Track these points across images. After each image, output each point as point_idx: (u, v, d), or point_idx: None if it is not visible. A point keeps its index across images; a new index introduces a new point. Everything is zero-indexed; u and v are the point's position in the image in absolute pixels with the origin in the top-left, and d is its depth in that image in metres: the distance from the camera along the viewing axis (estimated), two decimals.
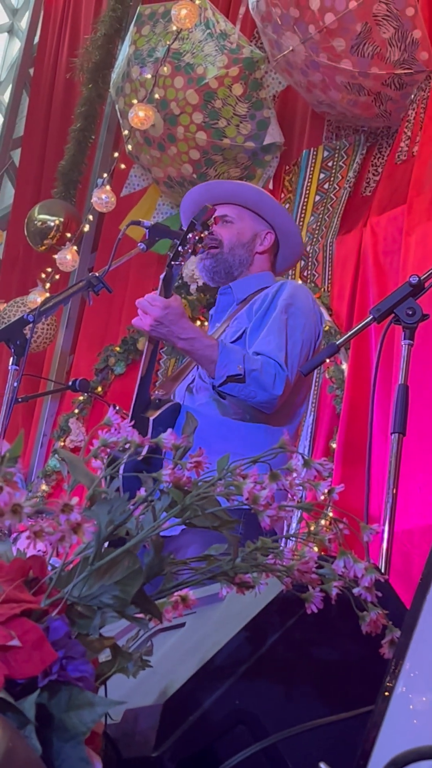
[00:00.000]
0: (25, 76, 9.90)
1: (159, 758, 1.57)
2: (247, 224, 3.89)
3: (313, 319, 3.72)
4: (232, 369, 3.46)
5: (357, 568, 1.61)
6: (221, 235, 3.84)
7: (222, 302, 3.92)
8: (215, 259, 3.85)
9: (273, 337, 3.59)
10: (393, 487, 2.85)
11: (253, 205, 3.90)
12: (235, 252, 3.86)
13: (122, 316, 7.32)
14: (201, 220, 3.54)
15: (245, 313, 3.75)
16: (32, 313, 3.79)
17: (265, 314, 3.68)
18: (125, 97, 6.51)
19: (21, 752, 1.26)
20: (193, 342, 3.52)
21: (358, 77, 5.56)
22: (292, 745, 1.61)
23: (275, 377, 3.49)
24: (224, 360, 3.47)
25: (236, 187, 4.01)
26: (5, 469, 1.38)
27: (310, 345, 3.67)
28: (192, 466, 1.57)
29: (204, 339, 3.53)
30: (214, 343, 3.52)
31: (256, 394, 3.49)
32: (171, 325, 3.51)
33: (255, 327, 3.67)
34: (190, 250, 3.57)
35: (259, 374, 3.47)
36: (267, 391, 3.49)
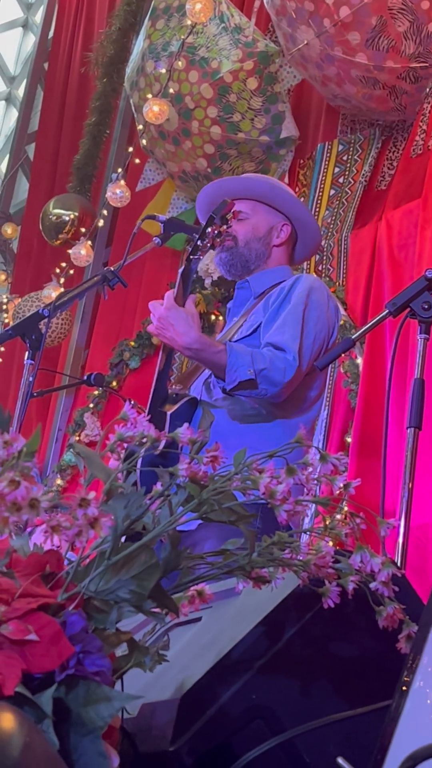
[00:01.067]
0: (39, 71, 9.90)
1: (176, 753, 1.57)
2: (261, 218, 3.88)
3: (328, 313, 3.71)
4: (243, 374, 3.45)
5: (374, 562, 1.60)
6: (236, 231, 3.82)
7: (240, 296, 3.91)
8: (230, 252, 3.84)
9: (288, 327, 3.59)
10: (409, 481, 2.85)
11: (266, 198, 3.89)
12: (251, 246, 3.85)
13: (137, 311, 7.33)
14: (220, 214, 3.53)
15: (261, 307, 3.74)
16: (47, 307, 3.80)
17: (280, 307, 3.68)
18: (140, 92, 6.51)
19: (38, 747, 1.26)
20: (199, 352, 3.50)
21: (373, 71, 5.55)
22: (309, 740, 1.60)
23: (285, 370, 3.48)
24: (233, 365, 3.45)
25: (248, 181, 4.00)
26: (22, 464, 1.38)
27: (323, 338, 3.66)
28: (208, 461, 1.57)
29: (210, 347, 3.51)
30: (221, 348, 3.49)
31: (266, 391, 3.49)
32: (173, 329, 3.48)
33: (269, 319, 3.67)
34: (209, 244, 3.56)
35: (268, 372, 3.46)
36: (276, 386, 3.49)
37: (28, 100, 9.96)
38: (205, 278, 6.62)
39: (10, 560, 1.50)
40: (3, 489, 1.36)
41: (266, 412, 3.59)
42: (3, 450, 1.39)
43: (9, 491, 1.36)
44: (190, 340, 3.48)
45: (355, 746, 1.57)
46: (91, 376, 4.26)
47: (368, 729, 1.60)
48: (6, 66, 10.93)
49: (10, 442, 1.40)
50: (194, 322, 3.52)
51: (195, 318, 3.54)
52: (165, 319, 3.50)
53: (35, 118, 9.73)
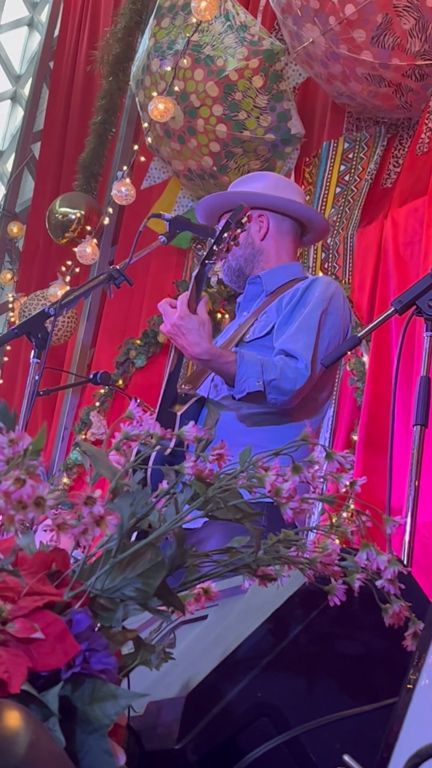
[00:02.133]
0: (45, 70, 9.90)
1: (182, 750, 1.57)
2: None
3: (343, 316, 3.71)
4: (252, 385, 3.46)
5: (380, 560, 1.61)
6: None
7: (250, 291, 3.91)
8: (227, 267, 3.90)
9: (302, 334, 3.59)
10: (415, 479, 2.84)
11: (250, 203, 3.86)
12: (237, 254, 3.85)
13: (143, 309, 7.33)
14: (236, 219, 3.53)
15: (274, 308, 3.74)
16: (53, 306, 3.80)
17: (294, 309, 3.68)
18: (145, 90, 6.51)
19: (44, 744, 1.27)
20: (209, 363, 3.53)
21: (378, 68, 5.54)
22: (314, 737, 1.61)
23: (295, 380, 3.49)
24: (243, 376, 3.47)
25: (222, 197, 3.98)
26: (28, 462, 1.38)
27: (337, 342, 3.66)
28: (214, 459, 1.57)
29: (220, 358, 3.52)
30: (231, 359, 3.50)
31: (276, 400, 3.50)
32: (185, 337, 3.50)
33: (283, 322, 3.67)
34: (225, 248, 3.56)
35: (278, 382, 3.47)
36: (287, 395, 3.50)
37: (33, 99, 9.95)
38: (211, 276, 6.61)
39: (16, 558, 1.50)
40: (9, 487, 1.36)
41: (274, 411, 3.60)
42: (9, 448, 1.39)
43: (15, 489, 1.36)
44: (201, 351, 3.50)
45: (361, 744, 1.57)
46: (97, 375, 4.26)
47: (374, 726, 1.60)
48: (11, 65, 10.93)
49: (16, 441, 1.40)
50: (206, 332, 3.53)
51: (207, 326, 3.55)
52: (177, 327, 3.52)
53: (41, 116, 9.73)
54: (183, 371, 6.34)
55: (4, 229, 9.52)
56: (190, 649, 1.83)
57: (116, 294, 4.09)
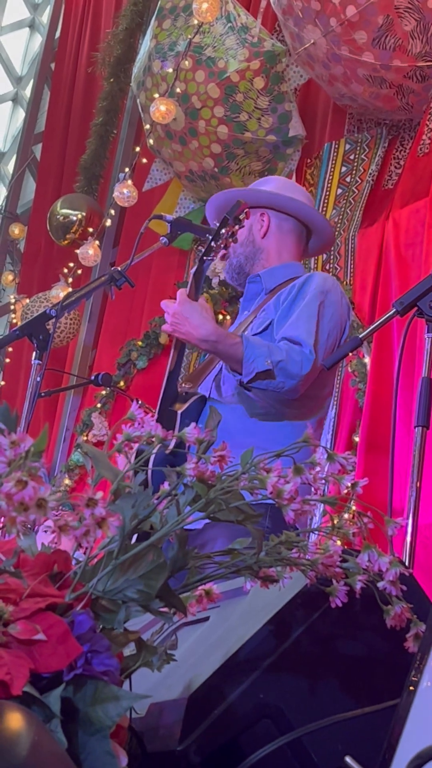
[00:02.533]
0: (46, 71, 9.91)
1: (184, 752, 1.57)
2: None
3: (341, 309, 3.72)
4: (260, 365, 3.45)
5: (381, 561, 1.61)
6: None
7: (250, 290, 3.92)
8: (229, 264, 3.90)
9: (302, 322, 3.59)
10: (417, 480, 2.84)
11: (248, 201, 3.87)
12: (238, 252, 3.86)
13: (144, 311, 7.33)
14: (234, 215, 3.54)
15: (272, 305, 3.74)
16: (55, 307, 3.80)
17: (292, 304, 3.68)
18: (146, 92, 6.51)
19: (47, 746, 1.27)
20: (216, 344, 3.51)
21: (380, 70, 5.54)
22: (317, 738, 1.61)
23: (302, 363, 3.49)
24: (250, 356, 3.46)
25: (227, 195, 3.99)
26: (30, 464, 1.38)
27: (336, 335, 3.67)
28: (216, 460, 1.57)
29: (227, 339, 3.52)
30: (237, 340, 3.50)
31: (284, 384, 3.49)
32: (187, 322, 3.49)
33: (281, 317, 3.67)
34: (223, 245, 3.57)
35: (285, 363, 3.47)
36: (294, 379, 3.48)
37: (35, 101, 9.96)
38: (212, 278, 6.61)
39: (18, 560, 1.50)
40: (11, 489, 1.36)
41: (275, 411, 3.59)
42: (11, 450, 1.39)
43: (17, 491, 1.36)
44: (207, 332, 3.49)
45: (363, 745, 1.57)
46: (98, 376, 4.27)
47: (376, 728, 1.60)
48: (13, 66, 10.94)
49: (18, 442, 1.40)
50: (208, 314, 3.54)
51: (209, 311, 3.56)
52: (179, 314, 3.52)
53: (42, 118, 9.73)
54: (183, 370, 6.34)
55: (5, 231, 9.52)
56: (192, 651, 1.83)
57: (118, 295, 4.09)
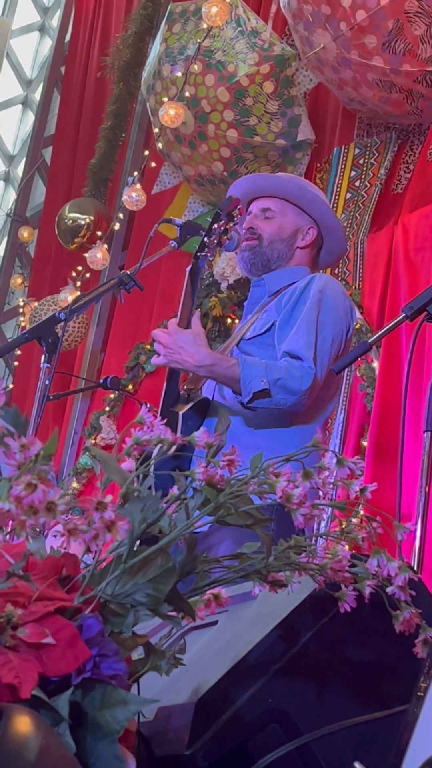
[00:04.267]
0: (56, 75, 9.93)
1: (192, 756, 1.57)
2: (288, 219, 3.89)
3: (344, 312, 3.71)
4: (257, 385, 3.44)
5: (390, 566, 1.60)
6: (262, 230, 3.85)
7: (255, 294, 3.92)
8: (253, 251, 3.86)
9: (302, 333, 3.58)
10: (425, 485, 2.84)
11: (296, 199, 3.90)
12: (274, 246, 3.86)
13: (153, 314, 7.33)
14: (226, 211, 3.54)
15: (274, 306, 3.74)
16: (63, 311, 3.80)
17: (294, 307, 3.67)
18: (156, 95, 6.52)
19: (55, 750, 1.26)
20: (213, 368, 3.51)
21: (389, 74, 5.54)
22: (325, 744, 1.60)
23: (302, 378, 3.48)
24: (247, 378, 3.46)
25: (280, 181, 4.00)
26: (39, 467, 1.38)
27: (340, 339, 3.66)
28: (225, 464, 1.57)
29: (223, 362, 3.51)
30: (234, 362, 3.50)
31: (285, 400, 3.48)
32: (182, 351, 3.49)
33: (284, 321, 3.67)
34: (216, 241, 3.56)
35: (284, 381, 3.46)
36: (295, 395, 3.48)
37: (44, 104, 9.98)
38: (221, 282, 6.62)
39: (27, 563, 1.50)
40: (20, 492, 1.36)
41: (279, 413, 3.59)
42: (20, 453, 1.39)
43: (26, 494, 1.36)
44: (202, 357, 3.49)
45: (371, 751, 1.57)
46: (107, 380, 4.27)
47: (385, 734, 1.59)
48: (23, 69, 10.96)
49: (27, 446, 1.40)
50: (201, 341, 3.53)
51: (201, 336, 3.55)
52: (173, 344, 3.51)
53: (52, 121, 9.76)
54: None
55: (14, 234, 9.54)
56: (200, 655, 1.83)
57: (127, 299, 4.10)
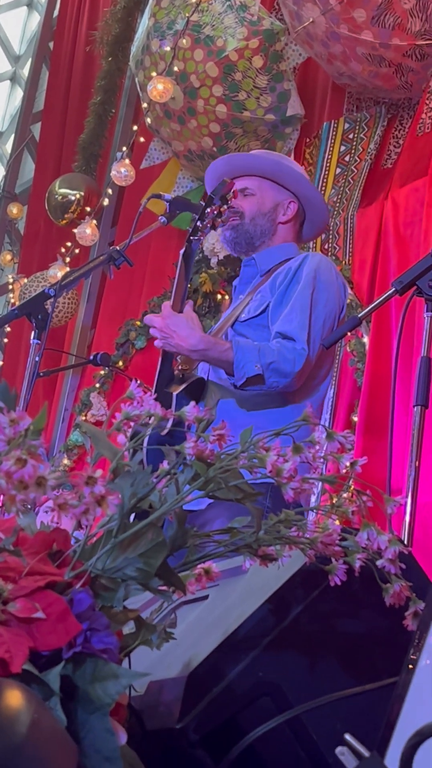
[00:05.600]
0: (44, 50, 9.88)
1: (183, 730, 1.57)
2: (267, 195, 3.89)
3: (336, 291, 3.71)
4: (250, 370, 3.45)
5: (380, 540, 1.61)
6: (242, 207, 3.84)
7: (246, 273, 3.92)
8: (236, 230, 3.86)
9: (296, 314, 3.59)
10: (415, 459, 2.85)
11: (272, 175, 3.90)
12: (257, 222, 3.86)
13: (143, 290, 7.32)
14: (219, 194, 3.53)
15: (268, 287, 3.74)
16: (53, 287, 3.79)
17: (288, 288, 3.67)
18: (145, 70, 6.49)
19: (46, 724, 1.27)
20: (206, 353, 3.51)
21: (379, 48, 5.52)
22: (316, 716, 1.61)
23: (294, 361, 3.48)
24: (240, 362, 3.46)
25: (255, 158, 4.00)
26: (29, 442, 1.38)
27: (333, 318, 3.67)
28: (215, 439, 1.57)
29: (217, 346, 3.52)
30: (227, 346, 3.50)
31: (278, 383, 3.49)
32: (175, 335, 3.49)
33: (278, 302, 3.67)
34: (210, 224, 3.56)
35: (277, 364, 3.47)
36: (287, 377, 3.49)
37: (33, 80, 9.93)
38: (210, 257, 6.61)
39: (17, 539, 1.50)
40: (10, 467, 1.36)
41: (275, 393, 3.59)
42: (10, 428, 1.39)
43: (16, 469, 1.36)
44: (195, 341, 3.49)
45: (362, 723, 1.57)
46: (97, 356, 4.26)
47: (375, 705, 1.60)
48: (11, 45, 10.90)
49: (17, 421, 1.40)
50: (195, 324, 3.53)
51: (195, 320, 3.56)
52: (167, 328, 3.51)
53: (40, 97, 9.71)
54: None
55: (3, 211, 9.51)
56: (191, 629, 1.83)
57: (116, 275, 4.09)
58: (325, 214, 4.04)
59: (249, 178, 3.89)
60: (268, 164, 3.92)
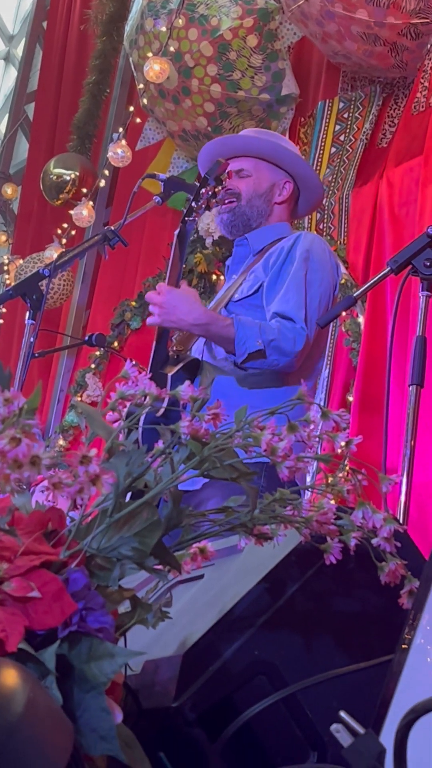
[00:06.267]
0: (38, 30, 9.84)
1: (179, 708, 1.58)
2: (263, 175, 3.88)
3: (330, 270, 3.71)
4: (252, 345, 3.46)
5: (376, 518, 1.61)
6: (239, 188, 3.84)
7: (238, 253, 3.91)
8: (233, 212, 3.85)
9: (292, 294, 3.59)
10: (411, 439, 2.85)
11: (268, 155, 3.89)
12: (253, 203, 3.85)
13: (138, 271, 7.31)
14: (214, 175, 3.53)
15: (261, 266, 3.74)
16: (48, 267, 3.78)
17: (282, 267, 3.67)
18: (139, 50, 6.47)
19: (42, 702, 1.27)
20: (208, 327, 3.51)
21: (373, 27, 5.51)
22: (311, 694, 1.61)
23: (294, 340, 3.49)
24: (242, 337, 3.46)
25: (250, 139, 3.99)
26: (23, 421, 1.38)
27: (328, 297, 3.67)
28: (210, 418, 1.57)
29: (218, 321, 3.52)
30: (229, 322, 3.50)
31: (278, 361, 3.49)
32: (177, 310, 3.48)
33: (272, 282, 3.66)
34: (204, 205, 3.56)
35: (278, 342, 3.47)
36: (287, 356, 3.49)
37: (27, 59, 9.89)
38: (206, 238, 6.60)
39: (13, 518, 1.50)
40: (4, 446, 1.36)
41: (270, 372, 3.59)
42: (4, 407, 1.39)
43: (10, 448, 1.36)
44: (197, 315, 3.50)
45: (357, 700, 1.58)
46: (92, 337, 4.26)
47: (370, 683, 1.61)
48: (4, 25, 10.86)
49: (11, 400, 1.39)
50: (195, 299, 3.54)
51: (196, 296, 3.56)
52: (167, 303, 3.51)
53: (34, 77, 9.67)
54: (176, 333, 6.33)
55: None
56: (187, 609, 1.83)
57: (111, 256, 4.08)
58: (319, 193, 4.04)
59: (244, 159, 3.89)
60: (263, 144, 3.91)
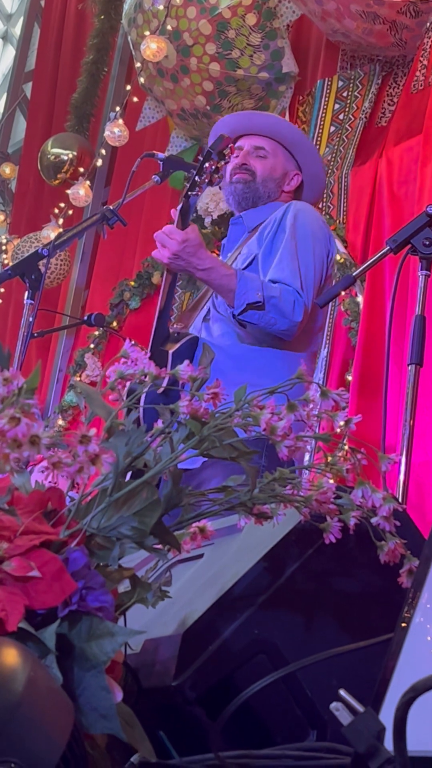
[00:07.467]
0: (36, 8, 9.80)
1: (179, 687, 1.58)
2: (279, 161, 3.92)
3: (322, 237, 3.73)
4: (252, 296, 3.47)
5: (375, 497, 1.61)
6: (255, 167, 3.88)
7: (233, 232, 3.94)
8: (247, 185, 3.89)
9: (286, 263, 3.60)
10: (410, 418, 2.85)
11: (289, 144, 3.93)
12: (267, 185, 3.90)
13: (137, 250, 7.30)
14: (217, 150, 3.53)
15: (256, 240, 3.76)
16: (46, 247, 3.78)
17: (274, 238, 3.70)
18: (138, 29, 6.45)
19: (42, 681, 1.27)
20: (211, 272, 3.53)
21: (373, 5, 5.49)
22: (311, 673, 1.61)
23: (294, 304, 3.50)
24: (243, 288, 3.48)
25: (276, 123, 4.04)
26: (23, 401, 1.38)
27: (322, 265, 3.68)
28: (209, 398, 1.57)
29: (221, 268, 3.54)
30: (231, 272, 3.52)
31: (276, 321, 3.50)
32: (189, 257, 3.52)
33: (266, 253, 3.68)
34: (207, 180, 3.56)
35: (278, 301, 3.48)
36: (287, 318, 3.50)
37: (25, 38, 9.86)
38: (204, 217, 6.59)
39: (12, 498, 1.50)
40: (3, 426, 1.36)
41: (267, 344, 3.60)
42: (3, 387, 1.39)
43: (10, 428, 1.36)
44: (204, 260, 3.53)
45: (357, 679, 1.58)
46: (91, 317, 4.25)
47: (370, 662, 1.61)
48: (2, 3, 10.81)
49: (10, 379, 1.39)
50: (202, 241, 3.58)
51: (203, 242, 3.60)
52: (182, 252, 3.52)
53: (32, 56, 9.64)
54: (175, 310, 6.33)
55: None
56: (187, 588, 1.83)
57: (110, 235, 4.08)
58: (320, 197, 4.10)
59: (264, 138, 3.92)
60: (287, 132, 3.95)
